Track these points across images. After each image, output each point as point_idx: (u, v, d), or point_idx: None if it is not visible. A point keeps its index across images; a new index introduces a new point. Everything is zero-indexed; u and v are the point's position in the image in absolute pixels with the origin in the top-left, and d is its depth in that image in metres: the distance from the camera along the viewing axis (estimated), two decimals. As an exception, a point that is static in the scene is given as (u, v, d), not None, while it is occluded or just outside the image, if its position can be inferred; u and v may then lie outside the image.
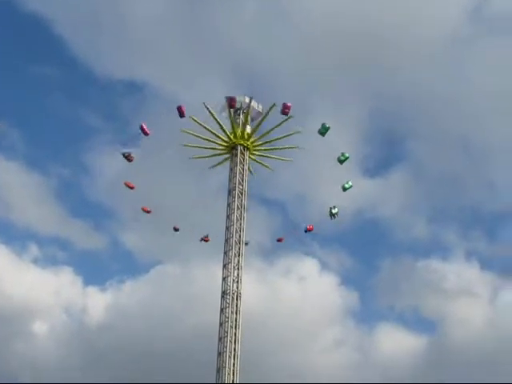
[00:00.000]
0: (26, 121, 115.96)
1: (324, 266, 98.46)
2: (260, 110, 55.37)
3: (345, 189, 55.00)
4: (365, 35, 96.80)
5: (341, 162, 54.63)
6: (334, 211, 54.93)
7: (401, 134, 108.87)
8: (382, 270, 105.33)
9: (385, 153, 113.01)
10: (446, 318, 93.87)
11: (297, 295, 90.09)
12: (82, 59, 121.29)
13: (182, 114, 53.62)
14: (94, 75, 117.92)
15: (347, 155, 54.60)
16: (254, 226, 56.62)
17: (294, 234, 57.25)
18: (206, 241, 55.60)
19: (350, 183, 55.13)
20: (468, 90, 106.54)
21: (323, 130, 53.96)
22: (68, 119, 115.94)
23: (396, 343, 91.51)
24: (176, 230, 55.30)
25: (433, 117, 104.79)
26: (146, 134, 53.64)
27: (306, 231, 56.08)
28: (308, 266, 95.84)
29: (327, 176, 58.92)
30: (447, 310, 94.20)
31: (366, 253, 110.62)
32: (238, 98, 54.76)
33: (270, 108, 54.33)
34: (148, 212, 55.13)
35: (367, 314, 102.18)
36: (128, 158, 54.09)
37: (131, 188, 54.59)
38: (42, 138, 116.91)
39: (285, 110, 53.64)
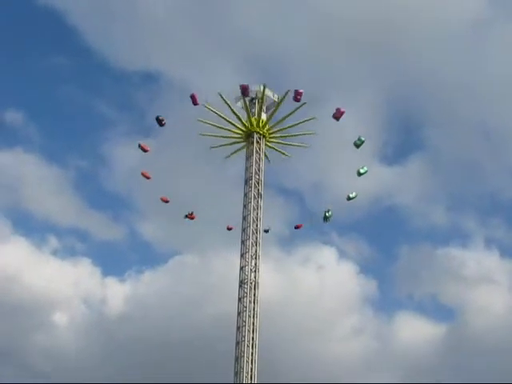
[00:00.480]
0: (42, 113, 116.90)
1: (342, 254, 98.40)
2: (276, 99, 55.30)
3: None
4: (380, 21, 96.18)
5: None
6: (327, 214, 54.96)
7: (418, 121, 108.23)
8: (400, 258, 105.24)
9: (402, 140, 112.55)
10: (465, 306, 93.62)
11: (315, 284, 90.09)
12: (97, 49, 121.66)
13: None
14: (109, 65, 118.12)
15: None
16: (272, 215, 56.80)
17: (310, 223, 57.09)
18: (191, 218, 55.13)
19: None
20: (486, 75, 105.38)
21: (359, 142, 53.84)
22: (84, 110, 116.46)
23: (415, 331, 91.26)
24: (166, 201, 55.18)
25: (450, 103, 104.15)
26: (195, 103, 53.71)
27: (295, 228, 56.42)
28: (326, 255, 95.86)
29: (344, 163, 58.75)
30: (467, 297, 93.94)
31: (385, 241, 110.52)
32: (253, 88, 54.65)
33: (284, 95, 54.14)
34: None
35: (386, 303, 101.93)
36: (160, 121, 53.99)
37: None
38: (59, 129, 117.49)
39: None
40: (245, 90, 53.73)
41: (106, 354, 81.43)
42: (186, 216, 55.00)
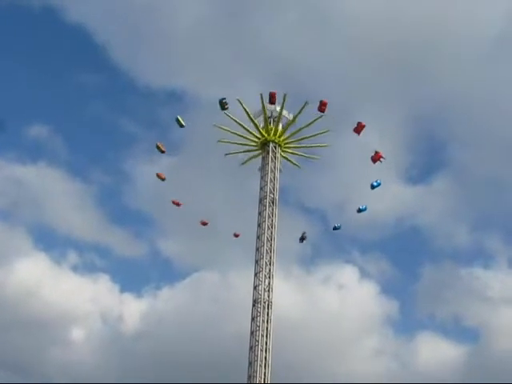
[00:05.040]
0: (68, 128, 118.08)
1: (364, 273, 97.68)
2: (291, 119, 55.39)
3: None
4: (406, 39, 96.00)
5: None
6: (336, 226, 55.26)
7: (442, 139, 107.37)
8: (422, 278, 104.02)
9: (426, 159, 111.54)
10: (488, 327, 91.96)
11: (335, 303, 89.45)
12: (123, 67, 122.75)
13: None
14: (135, 83, 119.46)
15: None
16: (290, 233, 56.52)
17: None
18: (162, 179, 55.59)
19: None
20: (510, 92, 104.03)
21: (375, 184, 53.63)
22: (109, 127, 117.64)
23: (436, 353, 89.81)
24: (177, 205, 55.59)
25: (475, 120, 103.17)
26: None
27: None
28: (347, 274, 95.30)
29: (367, 180, 58.38)
30: (490, 318, 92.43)
31: (407, 260, 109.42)
32: (269, 108, 54.86)
33: (303, 106, 54.17)
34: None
35: (407, 323, 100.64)
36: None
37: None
38: (84, 145, 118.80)
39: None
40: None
41: (122, 370, 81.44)
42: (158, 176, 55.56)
